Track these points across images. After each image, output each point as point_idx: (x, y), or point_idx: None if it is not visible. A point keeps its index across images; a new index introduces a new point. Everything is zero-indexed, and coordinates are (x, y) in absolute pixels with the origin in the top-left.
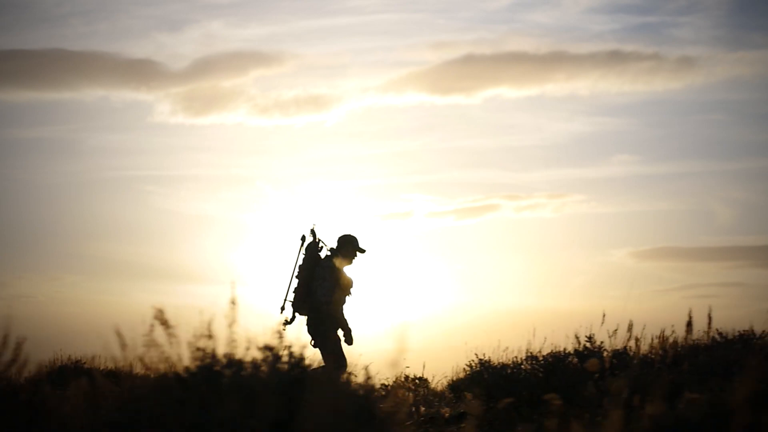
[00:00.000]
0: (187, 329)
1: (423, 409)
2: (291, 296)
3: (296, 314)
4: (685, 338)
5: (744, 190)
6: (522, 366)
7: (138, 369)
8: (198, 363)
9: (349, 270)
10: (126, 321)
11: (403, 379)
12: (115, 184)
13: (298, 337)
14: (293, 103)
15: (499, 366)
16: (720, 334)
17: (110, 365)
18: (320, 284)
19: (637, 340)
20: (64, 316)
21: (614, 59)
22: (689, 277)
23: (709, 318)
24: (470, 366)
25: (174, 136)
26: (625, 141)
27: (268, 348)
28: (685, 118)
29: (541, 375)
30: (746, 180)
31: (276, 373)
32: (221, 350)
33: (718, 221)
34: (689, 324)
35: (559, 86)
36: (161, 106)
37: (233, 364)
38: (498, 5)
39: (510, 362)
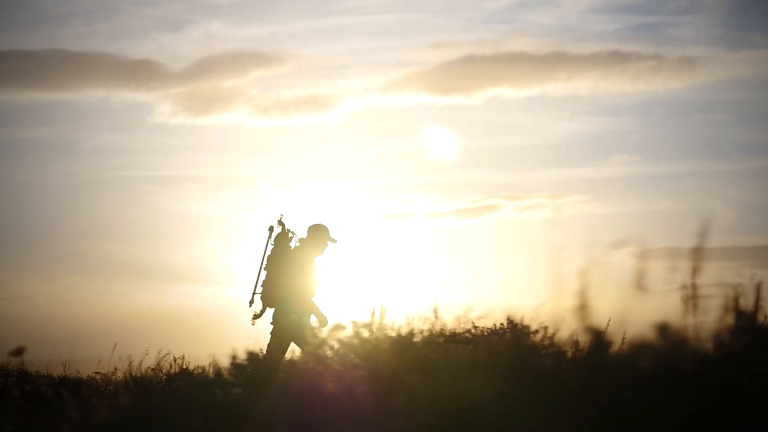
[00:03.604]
0: None
1: None
2: (259, 289)
3: (266, 307)
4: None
5: (744, 190)
6: None
7: None
8: None
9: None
10: (126, 321)
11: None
12: (115, 184)
13: None
14: (293, 103)
15: None
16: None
17: None
18: (296, 276)
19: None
20: (64, 316)
21: (615, 59)
22: (690, 277)
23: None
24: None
25: (174, 137)
26: (625, 141)
27: None
28: (685, 118)
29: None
30: (746, 180)
31: None
32: None
33: (719, 221)
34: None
35: (559, 86)
36: (161, 106)
37: None
38: (498, 5)
39: None
